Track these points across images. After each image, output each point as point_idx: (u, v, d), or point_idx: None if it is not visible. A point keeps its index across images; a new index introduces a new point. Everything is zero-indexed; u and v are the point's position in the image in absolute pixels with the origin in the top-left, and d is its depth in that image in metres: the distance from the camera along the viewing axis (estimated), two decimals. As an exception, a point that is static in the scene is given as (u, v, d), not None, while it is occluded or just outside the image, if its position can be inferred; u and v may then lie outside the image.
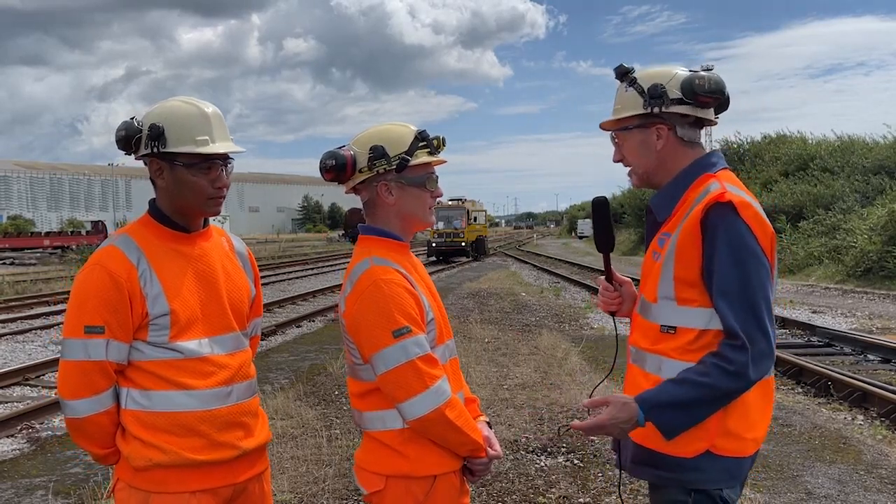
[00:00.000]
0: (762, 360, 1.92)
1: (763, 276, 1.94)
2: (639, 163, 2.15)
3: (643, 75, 2.12)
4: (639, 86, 2.10)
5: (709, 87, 2.04)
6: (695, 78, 2.05)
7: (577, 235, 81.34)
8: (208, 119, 2.12)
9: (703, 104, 2.07)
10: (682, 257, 1.98)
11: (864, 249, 20.35)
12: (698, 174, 2.08)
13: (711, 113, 2.11)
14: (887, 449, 5.89)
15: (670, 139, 2.10)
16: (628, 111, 2.12)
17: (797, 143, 34.39)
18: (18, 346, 12.04)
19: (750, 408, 2.00)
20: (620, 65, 2.17)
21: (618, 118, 2.16)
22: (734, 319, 1.90)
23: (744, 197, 1.97)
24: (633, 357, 2.16)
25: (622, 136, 2.16)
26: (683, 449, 1.99)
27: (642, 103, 2.09)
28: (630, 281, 2.37)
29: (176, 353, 2.08)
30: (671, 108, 2.06)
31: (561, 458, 5.51)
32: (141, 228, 2.17)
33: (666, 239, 2.06)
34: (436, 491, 2.10)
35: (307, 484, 4.98)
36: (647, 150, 2.12)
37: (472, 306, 15.45)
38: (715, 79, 2.06)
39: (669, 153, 2.11)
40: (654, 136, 2.10)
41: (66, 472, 5.73)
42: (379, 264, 2.08)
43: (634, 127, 2.13)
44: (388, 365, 2.02)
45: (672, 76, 2.08)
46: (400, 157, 2.12)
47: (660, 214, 2.14)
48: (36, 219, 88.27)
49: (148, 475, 2.07)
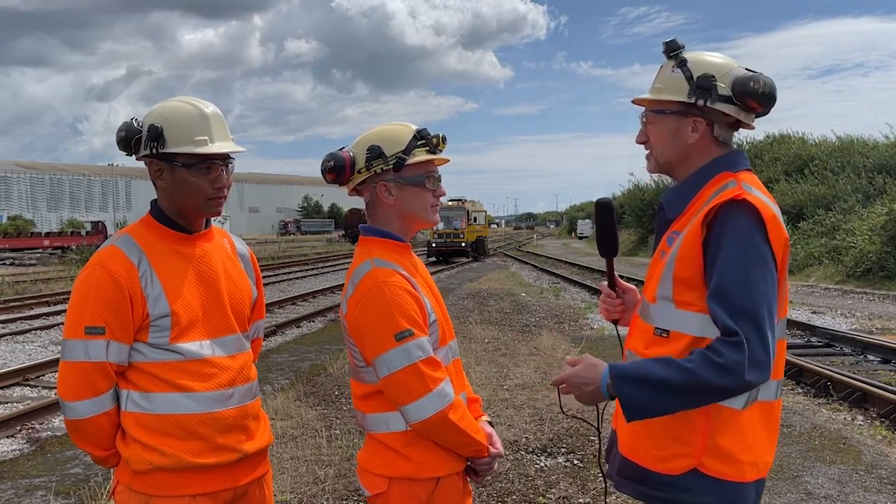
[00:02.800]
0: (756, 366, 1.74)
1: (769, 283, 1.80)
2: (664, 150, 2.00)
3: (695, 60, 1.95)
4: (688, 70, 1.93)
5: (762, 93, 1.88)
6: (750, 80, 1.89)
7: (576, 236, 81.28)
8: (207, 119, 2.11)
9: (750, 108, 1.92)
10: (685, 256, 1.86)
11: (863, 250, 20.35)
12: (717, 172, 1.94)
13: (753, 117, 1.97)
14: (887, 449, 5.88)
15: (705, 135, 1.95)
16: (670, 94, 1.96)
17: (798, 143, 34.37)
18: (18, 347, 12.03)
19: (745, 427, 1.86)
20: (672, 40, 1.99)
21: (656, 98, 1.99)
22: (729, 318, 1.75)
23: (761, 198, 1.85)
24: (626, 360, 2.04)
25: (654, 118, 2.01)
26: (668, 465, 1.87)
27: (687, 91, 1.92)
28: (634, 288, 2.26)
29: (176, 355, 2.07)
30: (716, 104, 1.91)
31: (561, 458, 5.51)
32: (142, 229, 2.16)
33: (675, 238, 1.93)
34: (439, 493, 2.10)
35: (307, 484, 4.98)
36: (678, 141, 1.97)
37: (472, 307, 15.44)
38: (770, 84, 1.89)
39: (699, 149, 1.97)
40: (689, 127, 1.95)
41: (66, 473, 5.73)
42: (380, 266, 2.07)
43: (671, 112, 1.97)
44: (390, 368, 2.02)
45: (727, 70, 1.92)
46: (396, 157, 2.10)
47: (671, 211, 2.00)
48: (36, 219, 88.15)
49: (148, 478, 2.06)
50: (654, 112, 2.01)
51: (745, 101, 1.90)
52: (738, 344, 1.73)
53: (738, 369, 1.73)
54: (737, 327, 1.74)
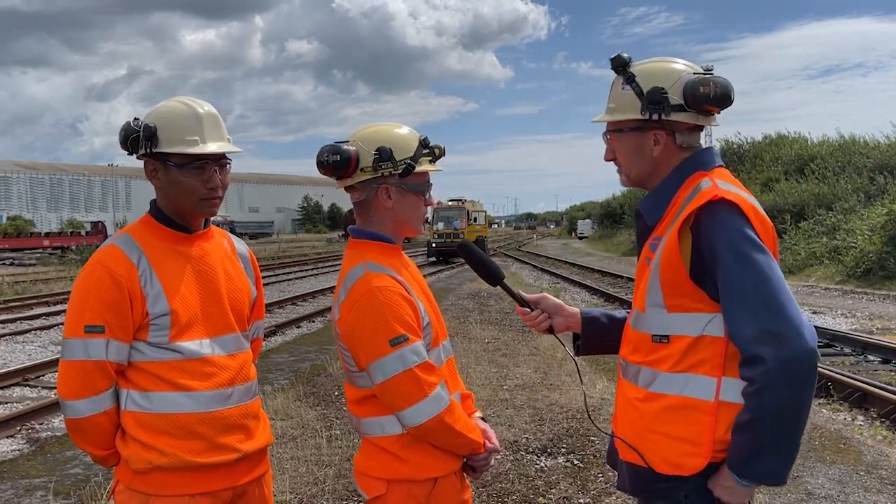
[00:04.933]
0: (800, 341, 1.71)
1: (773, 265, 1.78)
2: (631, 166, 2.00)
3: (643, 73, 1.93)
4: (637, 86, 1.92)
5: (714, 95, 1.86)
6: (699, 84, 1.86)
7: (577, 236, 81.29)
8: (200, 119, 2.10)
9: (705, 112, 1.91)
10: (669, 261, 1.85)
11: (864, 250, 20.34)
12: (690, 173, 1.93)
13: (714, 119, 1.95)
14: (887, 449, 5.88)
15: (668, 145, 1.94)
16: (624, 114, 1.96)
17: (798, 143, 34.37)
18: (18, 347, 12.03)
19: None
20: (618, 55, 1.97)
21: (612, 119, 1.99)
22: (754, 325, 1.73)
23: (738, 192, 1.84)
24: (623, 371, 2.03)
25: (616, 136, 2.00)
26: (681, 467, 1.86)
27: (640, 108, 1.91)
28: (544, 295, 2.30)
29: (176, 354, 2.07)
30: (671, 115, 1.89)
31: (561, 458, 5.51)
32: (141, 228, 2.16)
33: (658, 243, 1.92)
34: (437, 493, 2.09)
35: (307, 485, 4.98)
36: (643, 156, 1.97)
37: (472, 307, 15.44)
38: (721, 84, 1.87)
39: (665, 158, 1.96)
40: (650, 141, 1.94)
41: (66, 473, 5.73)
42: (373, 271, 2.05)
43: (630, 130, 1.96)
44: (386, 374, 2.00)
45: (675, 79, 1.90)
46: (406, 163, 2.08)
47: (650, 218, 2.00)
48: (36, 219, 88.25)
49: (147, 478, 2.06)
50: (615, 131, 2.01)
51: (698, 106, 1.88)
52: (753, 360, 1.74)
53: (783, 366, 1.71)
54: (752, 341, 1.74)
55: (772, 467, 1.79)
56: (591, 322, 2.30)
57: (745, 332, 1.75)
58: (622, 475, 2.04)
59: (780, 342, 1.71)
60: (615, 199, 61.54)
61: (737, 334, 1.78)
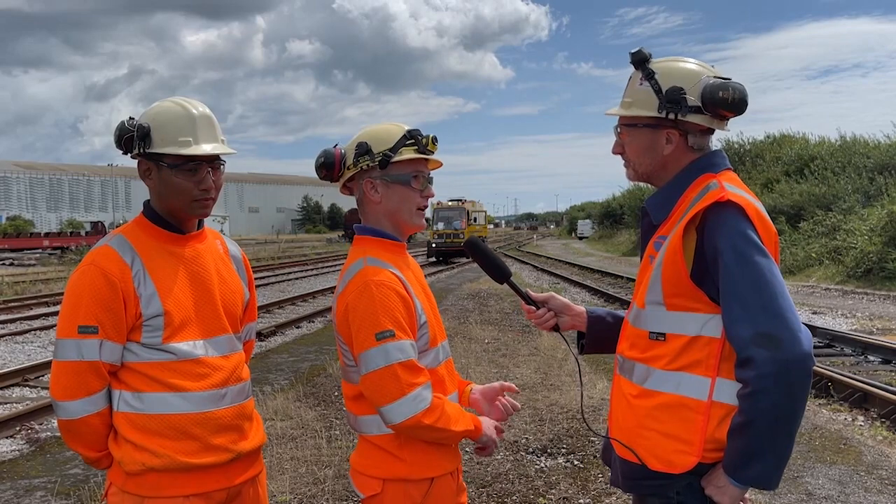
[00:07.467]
0: (796, 344, 1.72)
1: (774, 268, 1.79)
2: (640, 162, 2.01)
3: (663, 71, 1.93)
4: (656, 83, 1.92)
5: (732, 101, 1.87)
6: (719, 88, 1.87)
7: (577, 236, 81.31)
8: (194, 120, 2.09)
9: (721, 116, 1.92)
10: (672, 259, 1.86)
11: (864, 250, 20.32)
12: (699, 174, 1.95)
13: (726, 123, 1.97)
14: (888, 450, 5.87)
15: (679, 145, 1.96)
16: (640, 109, 1.96)
17: (799, 143, 34.34)
18: (17, 347, 12.02)
19: None
20: (639, 49, 1.96)
21: (627, 113, 1.99)
22: (751, 326, 1.74)
23: (745, 196, 1.85)
24: (619, 367, 2.05)
25: (628, 131, 2.01)
26: (673, 465, 1.87)
27: (657, 105, 1.92)
28: (552, 294, 2.32)
29: (169, 355, 2.06)
30: (687, 116, 1.90)
31: (561, 459, 5.50)
32: (135, 229, 2.15)
33: (662, 242, 1.93)
34: (433, 492, 2.09)
35: (307, 485, 4.97)
36: (653, 153, 1.98)
37: (472, 307, 15.44)
38: (740, 90, 1.87)
39: (675, 158, 1.97)
40: (662, 139, 1.95)
41: (66, 473, 5.72)
42: (373, 265, 2.07)
43: (644, 126, 1.97)
44: (368, 367, 2.00)
45: (695, 81, 1.90)
46: (383, 154, 2.10)
47: (656, 216, 2.00)
48: (35, 219, 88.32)
49: (141, 479, 2.05)
50: (627, 125, 2.01)
51: (715, 110, 1.89)
52: (747, 361, 1.75)
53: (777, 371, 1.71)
54: (749, 341, 1.74)
55: (763, 471, 1.79)
56: (596, 321, 2.32)
57: (742, 333, 1.76)
58: (615, 471, 2.06)
59: (776, 345, 1.72)
60: (615, 199, 61.53)
61: (734, 335, 1.78)
